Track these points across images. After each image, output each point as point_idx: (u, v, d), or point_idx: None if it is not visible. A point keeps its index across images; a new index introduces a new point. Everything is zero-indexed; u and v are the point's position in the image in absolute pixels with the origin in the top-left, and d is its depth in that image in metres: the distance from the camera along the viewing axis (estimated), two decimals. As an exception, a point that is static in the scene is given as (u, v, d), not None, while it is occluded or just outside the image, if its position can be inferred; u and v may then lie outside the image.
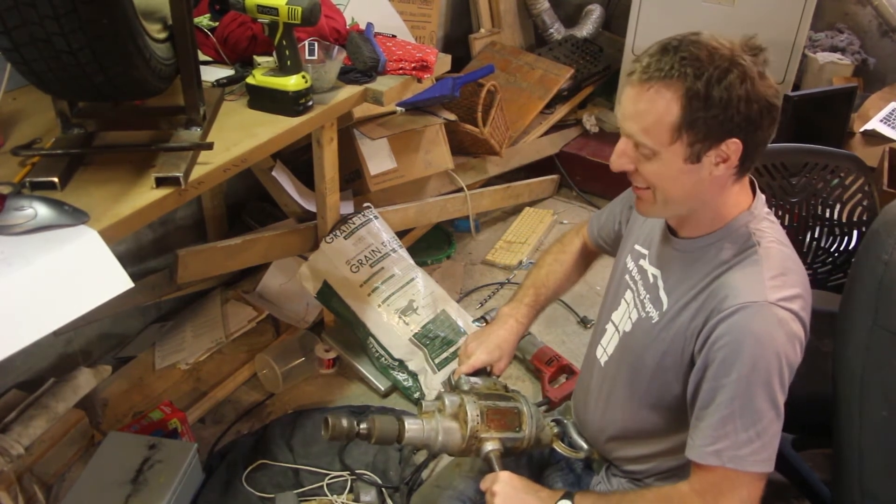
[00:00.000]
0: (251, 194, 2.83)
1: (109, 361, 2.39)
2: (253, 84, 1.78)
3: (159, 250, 2.52)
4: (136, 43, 1.32)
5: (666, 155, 1.15)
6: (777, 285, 1.16)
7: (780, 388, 1.15)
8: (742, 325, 1.14)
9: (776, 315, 1.13)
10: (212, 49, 2.03)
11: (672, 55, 1.11)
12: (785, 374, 1.15)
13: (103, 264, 1.26)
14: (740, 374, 1.13)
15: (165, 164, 1.45)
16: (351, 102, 1.99)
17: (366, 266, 2.40)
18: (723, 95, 1.09)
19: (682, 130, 1.12)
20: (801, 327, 1.16)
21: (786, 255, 1.21)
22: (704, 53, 1.10)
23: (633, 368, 1.34)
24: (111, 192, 1.40)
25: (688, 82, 1.09)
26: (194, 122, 1.57)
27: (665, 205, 1.22)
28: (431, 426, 1.33)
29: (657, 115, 1.12)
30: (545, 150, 3.57)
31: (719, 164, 1.15)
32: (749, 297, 1.15)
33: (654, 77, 1.11)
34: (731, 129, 1.12)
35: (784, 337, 1.14)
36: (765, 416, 1.14)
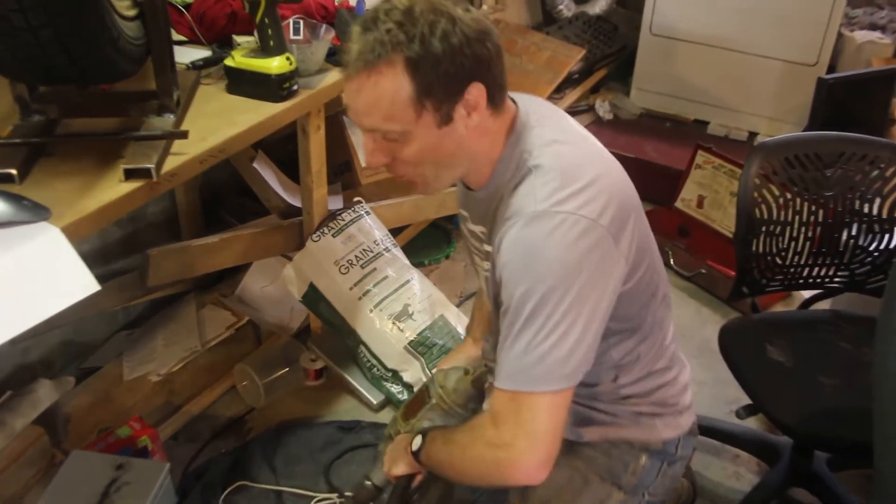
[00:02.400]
0: (230, 188, 2.82)
1: (72, 373, 2.39)
2: (232, 66, 1.78)
3: (128, 249, 2.52)
4: (103, 20, 1.32)
5: (418, 130, 1.19)
6: (548, 191, 1.19)
7: (570, 298, 1.16)
8: (514, 241, 1.19)
9: (548, 222, 1.16)
10: (186, 28, 2.03)
11: (375, 31, 1.14)
12: (575, 282, 1.16)
13: (66, 265, 1.26)
14: (519, 293, 1.17)
15: (135, 154, 1.45)
16: (340, 87, 1.98)
17: (356, 267, 2.40)
18: (444, 46, 1.13)
19: (423, 98, 1.16)
20: (586, 225, 1.17)
21: (564, 152, 1.25)
22: (406, 16, 1.13)
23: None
24: (75, 186, 1.40)
25: (405, 50, 1.13)
26: (167, 108, 1.57)
27: (439, 176, 1.28)
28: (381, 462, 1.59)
29: (390, 96, 1.15)
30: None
31: (471, 113, 1.20)
32: (522, 210, 1.20)
33: (369, 61, 1.14)
34: (466, 75, 1.16)
35: (562, 243, 1.16)
36: (552, 332, 1.16)
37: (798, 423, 1.76)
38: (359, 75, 1.15)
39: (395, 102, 1.15)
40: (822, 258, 2.04)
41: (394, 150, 1.22)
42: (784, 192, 1.96)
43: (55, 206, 1.32)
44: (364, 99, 1.17)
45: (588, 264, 1.17)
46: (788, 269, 2.04)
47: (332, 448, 2.26)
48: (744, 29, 3.49)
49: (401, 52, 1.12)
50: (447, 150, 1.23)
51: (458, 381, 1.54)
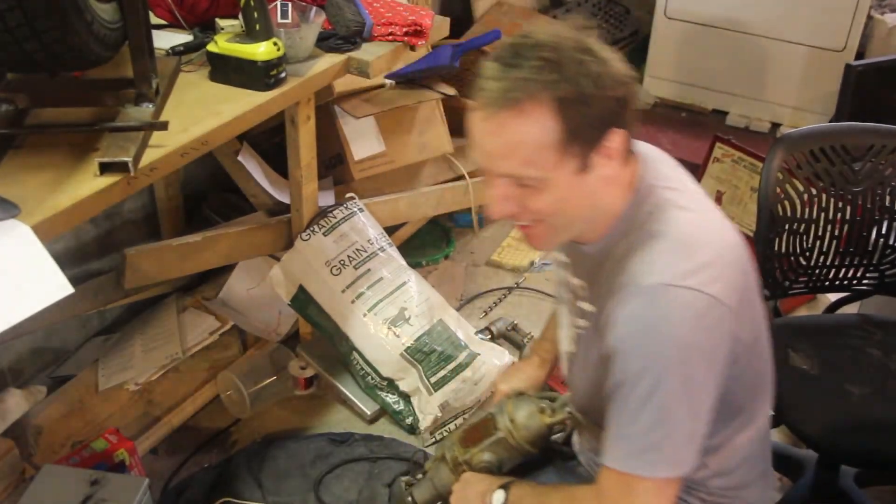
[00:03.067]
0: (213, 183, 2.83)
1: (44, 381, 2.39)
2: (215, 52, 1.78)
3: (103, 249, 2.52)
4: (76, 2, 1.32)
5: (557, 178, 1.17)
6: (671, 263, 1.17)
7: (690, 382, 1.16)
8: (633, 316, 1.16)
9: (670, 298, 1.15)
10: (166, 11, 2.03)
11: (520, 68, 1.12)
12: (696, 364, 1.16)
13: (37, 266, 1.25)
14: (635, 370, 1.16)
15: (111, 146, 1.45)
16: (331, 74, 1.99)
17: (349, 268, 2.40)
18: (594, 88, 1.12)
19: (568, 143, 1.14)
20: (709, 303, 1.16)
21: (687, 220, 1.23)
22: (553, 53, 1.12)
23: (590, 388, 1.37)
24: (47, 180, 1.40)
25: (555, 89, 1.11)
26: (145, 97, 1.57)
27: (567, 228, 1.26)
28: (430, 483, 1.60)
29: (535, 139, 1.13)
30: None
31: (607, 161, 1.18)
32: (641, 282, 1.17)
33: (514, 99, 1.12)
34: (609, 120, 1.15)
35: (684, 321, 1.14)
36: (671, 415, 1.16)
37: (823, 435, 1.77)
38: (499, 115, 1.13)
39: (538, 146, 1.14)
40: (849, 258, 2.04)
41: (524, 198, 1.20)
42: (809, 187, 1.96)
43: (25, 202, 1.32)
44: (503, 140, 1.15)
45: (708, 346, 1.17)
46: (813, 270, 2.04)
47: (322, 462, 2.26)
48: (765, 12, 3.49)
49: (550, 92, 1.11)
50: (580, 201, 1.21)
51: (531, 416, 1.51)
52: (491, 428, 1.53)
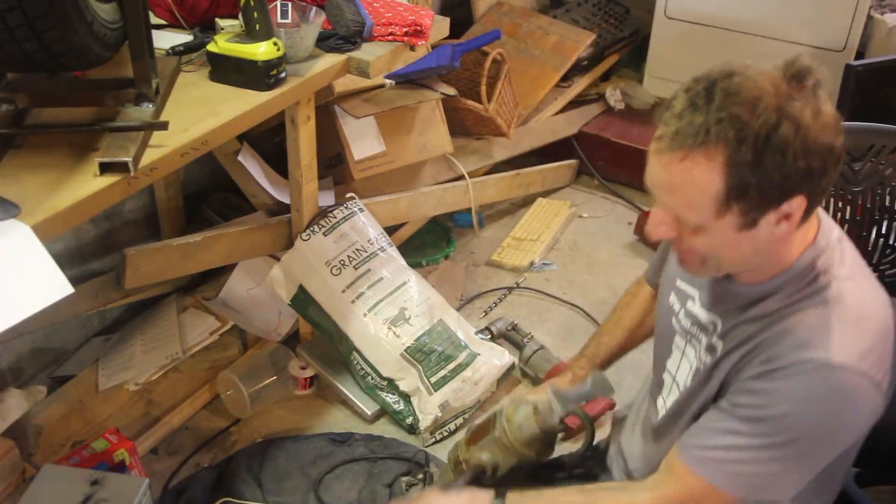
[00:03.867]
0: (213, 183, 2.83)
1: (44, 381, 2.39)
2: (215, 52, 1.78)
3: (104, 249, 2.52)
4: (76, 2, 1.32)
5: (716, 228, 1.15)
6: (847, 338, 1.16)
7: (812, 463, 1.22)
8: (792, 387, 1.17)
9: (839, 383, 1.15)
10: (166, 11, 2.03)
11: (706, 115, 1.08)
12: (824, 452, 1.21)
13: (37, 266, 1.26)
14: (764, 408, 1.19)
15: (111, 146, 1.45)
16: (331, 74, 2.00)
17: (349, 268, 2.40)
18: (776, 157, 1.07)
19: (731, 202, 1.11)
20: (870, 394, 1.16)
21: (862, 291, 1.22)
22: (745, 108, 1.07)
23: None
24: (47, 180, 1.40)
25: (730, 149, 1.07)
26: (145, 97, 1.57)
27: (722, 268, 1.25)
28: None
29: (698, 188, 1.11)
30: (561, 131, 3.57)
31: (780, 222, 1.14)
32: (809, 353, 1.16)
33: (687, 145, 1.09)
34: (790, 188, 1.10)
35: (842, 411, 1.17)
36: (774, 459, 1.19)
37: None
38: (672, 153, 1.11)
39: (700, 195, 1.11)
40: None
41: (683, 231, 1.19)
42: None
43: (25, 202, 1.32)
44: (669, 177, 1.13)
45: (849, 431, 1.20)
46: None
47: (322, 462, 2.26)
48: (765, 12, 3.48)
49: (724, 149, 1.07)
50: (740, 253, 1.19)
51: (525, 418, 1.51)
52: (490, 427, 1.54)
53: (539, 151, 3.52)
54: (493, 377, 2.45)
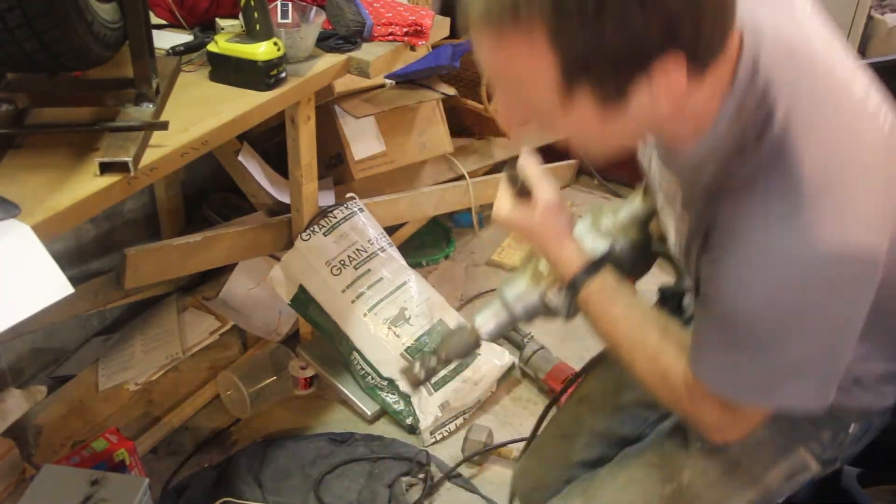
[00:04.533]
0: (213, 183, 2.83)
1: (44, 381, 2.39)
2: (215, 52, 1.78)
3: (103, 249, 2.52)
4: (76, 2, 1.32)
5: (568, 113, 0.92)
6: (808, 211, 0.92)
7: (825, 334, 1.00)
8: (750, 283, 0.96)
9: (802, 268, 0.93)
10: (166, 10, 2.03)
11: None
12: (844, 324, 1.00)
13: (37, 266, 1.25)
14: (745, 310, 0.99)
15: (111, 146, 1.45)
16: (331, 74, 1.99)
17: (349, 268, 2.40)
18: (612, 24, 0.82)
19: (574, 82, 0.88)
20: (854, 269, 0.94)
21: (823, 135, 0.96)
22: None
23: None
24: (47, 180, 1.40)
25: (550, 25, 0.83)
26: (145, 97, 1.56)
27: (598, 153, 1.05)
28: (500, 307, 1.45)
29: (527, 77, 0.90)
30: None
31: (660, 90, 0.88)
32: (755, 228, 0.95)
33: (495, 21, 0.86)
34: (649, 50, 0.85)
35: (819, 291, 0.95)
36: (788, 367, 1.03)
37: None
38: (482, 33, 0.89)
39: (532, 86, 0.90)
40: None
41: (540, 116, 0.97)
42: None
43: (25, 202, 1.32)
44: (493, 62, 0.92)
45: (846, 310, 0.99)
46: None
47: (323, 462, 2.26)
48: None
49: (543, 26, 0.83)
50: (610, 134, 0.97)
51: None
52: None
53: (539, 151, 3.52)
54: (494, 377, 2.45)
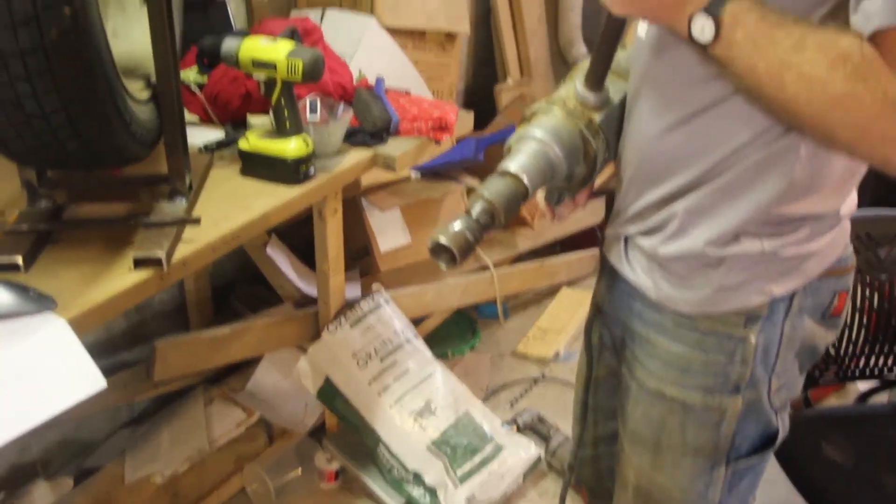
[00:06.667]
0: (241, 274, 2.86)
1: (72, 472, 2.39)
2: (246, 149, 1.83)
3: (133, 340, 2.55)
4: (116, 105, 1.36)
5: None
6: None
7: None
8: None
9: None
10: (199, 107, 2.10)
11: None
12: None
13: (72, 359, 1.27)
14: None
15: (145, 241, 1.48)
16: (359, 169, 2.04)
17: (375, 360, 2.41)
18: None
19: None
20: None
21: None
22: None
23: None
24: (83, 274, 1.43)
25: None
26: (179, 192, 1.60)
27: None
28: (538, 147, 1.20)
29: None
30: (585, 221, 3.60)
31: None
32: None
33: None
34: None
35: None
36: None
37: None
38: None
39: None
40: (878, 346, 2.03)
41: None
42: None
43: (61, 296, 1.34)
44: None
45: None
46: (842, 360, 2.03)
47: (348, 557, 2.24)
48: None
49: None
50: None
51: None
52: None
53: (563, 241, 3.55)
54: (520, 470, 2.43)
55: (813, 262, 1.22)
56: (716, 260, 1.19)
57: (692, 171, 1.17)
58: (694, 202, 1.18)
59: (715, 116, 1.12)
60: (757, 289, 1.20)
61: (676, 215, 1.21)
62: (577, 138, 1.23)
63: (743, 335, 1.23)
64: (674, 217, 1.21)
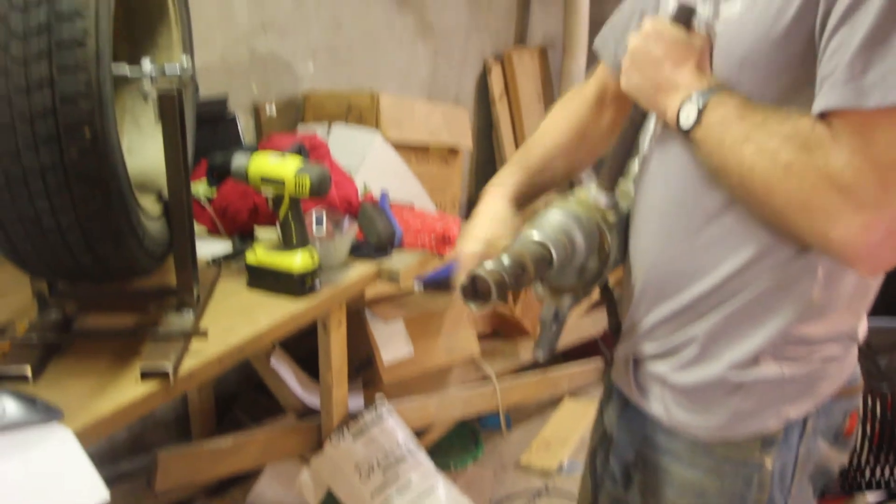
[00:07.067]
0: (244, 384, 2.87)
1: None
2: (253, 263, 1.86)
3: (135, 449, 2.54)
4: (130, 221, 1.41)
5: None
6: None
7: None
8: None
9: None
10: (208, 219, 2.14)
11: None
12: None
13: (76, 470, 1.28)
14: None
15: (152, 353, 1.50)
16: (363, 282, 2.07)
17: (377, 472, 2.40)
18: None
19: None
20: None
21: None
22: None
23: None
24: (90, 386, 1.45)
25: None
26: (187, 305, 1.63)
27: None
28: (559, 224, 1.22)
29: None
30: (587, 331, 3.62)
31: None
32: None
33: None
34: None
35: None
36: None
37: None
38: None
39: None
40: (883, 457, 2.02)
41: None
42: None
43: (68, 406, 1.35)
44: None
45: None
46: (847, 471, 2.02)
47: None
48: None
49: None
50: None
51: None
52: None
53: (565, 352, 3.56)
54: (524, 585, 2.40)
55: (826, 383, 1.22)
56: (734, 385, 1.19)
57: (701, 285, 1.18)
58: (715, 325, 1.19)
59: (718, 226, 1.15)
60: (774, 412, 1.20)
61: (696, 339, 1.21)
62: (595, 228, 1.25)
63: (759, 461, 1.22)
64: (693, 341, 1.21)
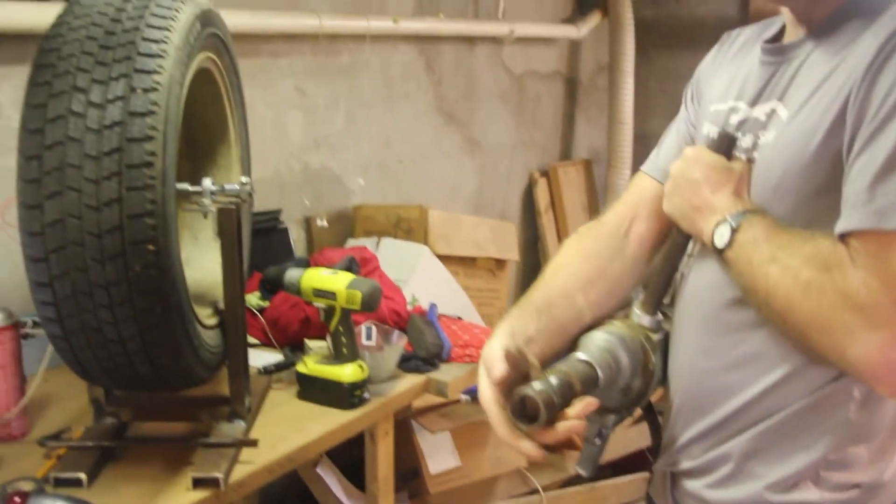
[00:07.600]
0: (290, 492, 2.86)
1: None
2: (304, 373, 1.89)
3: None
4: (187, 331, 1.46)
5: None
6: None
7: None
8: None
9: None
10: (259, 331, 2.19)
11: None
12: None
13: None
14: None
15: (204, 461, 1.53)
16: (411, 394, 2.10)
17: (421, 585, 2.37)
18: None
19: None
20: None
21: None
22: None
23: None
24: (142, 492, 1.48)
25: None
26: (238, 414, 1.67)
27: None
28: (605, 344, 1.23)
29: None
30: (635, 443, 3.57)
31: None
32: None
33: None
34: None
35: None
36: None
37: None
38: None
39: None
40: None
41: None
42: None
43: (121, 513, 1.40)
44: None
45: None
46: None
47: None
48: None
49: None
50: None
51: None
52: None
53: (613, 464, 3.51)
54: None
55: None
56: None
57: (734, 402, 1.19)
58: (750, 443, 1.19)
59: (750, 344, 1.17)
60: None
61: (731, 456, 1.21)
62: (639, 348, 1.25)
63: None
64: (728, 458, 1.21)
